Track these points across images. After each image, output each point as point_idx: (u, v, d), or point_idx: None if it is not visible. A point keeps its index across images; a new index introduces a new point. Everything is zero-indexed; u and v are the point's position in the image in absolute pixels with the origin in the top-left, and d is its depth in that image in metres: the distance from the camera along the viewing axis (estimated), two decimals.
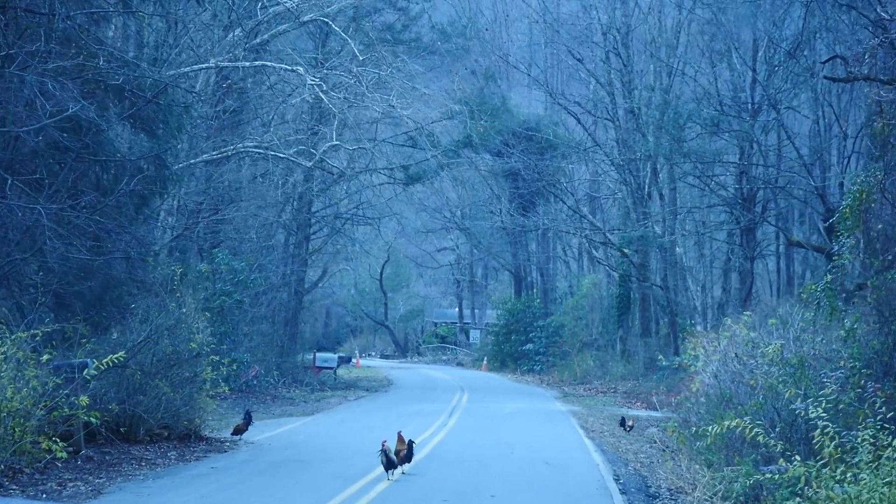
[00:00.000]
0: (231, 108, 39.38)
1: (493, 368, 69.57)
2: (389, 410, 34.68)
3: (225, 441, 23.81)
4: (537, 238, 70.53)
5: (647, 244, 52.73)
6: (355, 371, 62.74)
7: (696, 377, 30.86)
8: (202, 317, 24.13)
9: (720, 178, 51.13)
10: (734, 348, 25.01)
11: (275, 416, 32.44)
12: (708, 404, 26.58)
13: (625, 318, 59.35)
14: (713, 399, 26.37)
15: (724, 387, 24.15)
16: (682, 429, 28.74)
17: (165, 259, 27.64)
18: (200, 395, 23.51)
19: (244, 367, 40.58)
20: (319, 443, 22.86)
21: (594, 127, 57.97)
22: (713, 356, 26.33)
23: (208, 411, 24.48)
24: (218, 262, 38.92)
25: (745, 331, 25.44)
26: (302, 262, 47.75)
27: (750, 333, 24.40)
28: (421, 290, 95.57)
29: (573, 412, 37.06)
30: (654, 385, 48.08)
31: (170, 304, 22.87)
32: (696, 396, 28.58)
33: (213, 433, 24.65)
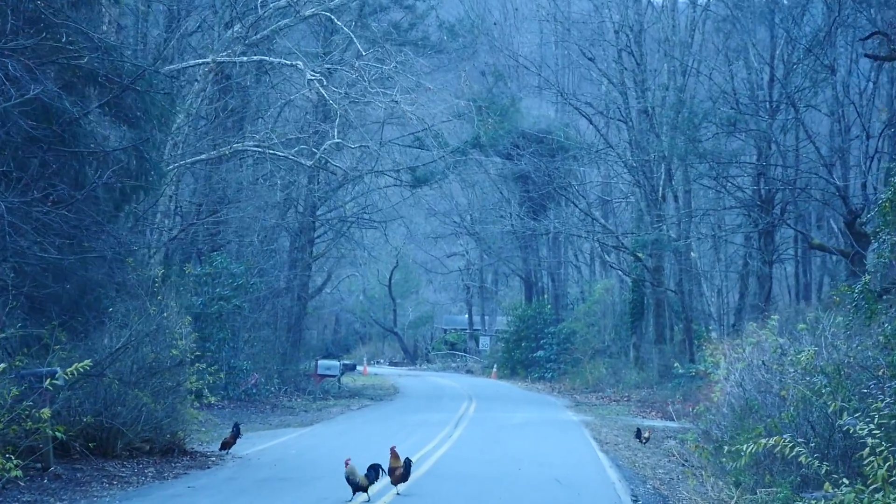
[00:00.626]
0: (231, 106, 37.60)
1: (503, 376, 67.61)
2: (392, 421, 32.75)
3: (211, 456, 21.92)
4: (548, 243, 68.58)
5: (661, 248, 50.76)
6: (362, 379, 60.83)
7: (717, 386, 29.05)
8: (186, 322, 22.16)
9: (737, 180, 49.12)
10: (760, 355, 23.09)
11: (271, 426, 30.55)
12: (731, 416, 24.70)
13: (638, 325, 57.39)
14: (737, 410, 24.50)
15: (749, 397, 22.22)
16: (703, 442, 26.84)
17: (148, 261, 25.68)
18: (184, 405, 21.60)
19: (243, 375, 38.77)
20: (312, 457, 20.98)
21: (606, 129, 56.02)
22: (736, 364, 24.39)
23: (194, 423, 22.57)
24: (216, 265, 37.07)
25: (772, 336, 23.46)
26: (305, 266, 45.87)
27: (778, 339, 22.46)
28: (430, 296, 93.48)
29: (585, 422, 35.11)
30: (670, 393, 46.16)
31: (151, 308, 20.96)
32: (717, 407, 26.71)
33: (200, 446, 22.78)
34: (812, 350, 19.13)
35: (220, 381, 38.03)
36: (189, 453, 21.71)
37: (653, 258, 52.96)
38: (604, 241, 57.59)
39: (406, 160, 48.83)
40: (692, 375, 43.07)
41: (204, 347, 36.43)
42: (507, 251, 72.35)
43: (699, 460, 25.27)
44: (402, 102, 32.36)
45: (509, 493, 17.93)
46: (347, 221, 48.80)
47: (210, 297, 36.79)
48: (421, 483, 18.61)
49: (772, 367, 21.69)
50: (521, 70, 58.47)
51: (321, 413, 35.78)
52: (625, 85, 53.03)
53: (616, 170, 59.47)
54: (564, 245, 68.89)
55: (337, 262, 53.39)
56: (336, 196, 47.84)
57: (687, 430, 33.07)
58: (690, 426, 33.62)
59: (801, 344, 20.85)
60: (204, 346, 36.42)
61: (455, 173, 50.40)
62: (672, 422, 37.98)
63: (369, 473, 16.69)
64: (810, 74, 44.94)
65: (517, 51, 57.39)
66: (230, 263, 37.21)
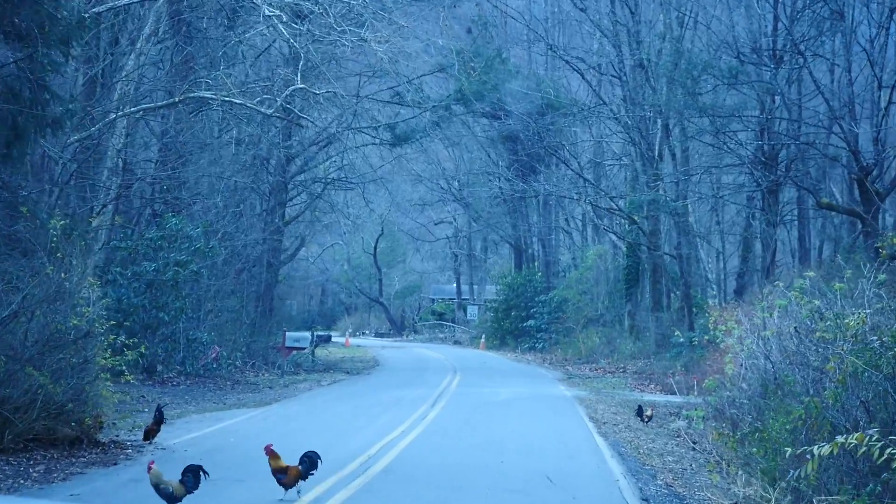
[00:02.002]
0: (186, 52, 33.26)
1: (492, 347, 63.45)
2: (362, 399, 28.52)
3: (129, 447, 17.68)
4: (538, 207, 64.30)
5: (658, 209, 46.58)
6: (342, 351, 56.67)
7: (727, 356, 25.13)
8: (94, 285, 17.83)
9: (738, 136, 44.82)
10: (789, 321, 18.91)
11: (225, 406, 26.33)
12: (751, 392, 20.58)
13: (633, 292, 53.27)
14: (761, 387, 20.34)
15: (780, 371, 18.05)
16: (716, 422, 22.74)
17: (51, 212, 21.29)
18: (95, 386, 17.32)
19: (203, 348, 34.53)
20: (250, 448, 16.82)
21: (599, 85, 51.72)
22: (754, 332, 20.21)
23: (110, 406, 18.33)
24: (171, 227, 32.78)
25: (804, 299, 19.23)
26: (276, 231, 41.52)
27: (813, 301, 18.24)
28: (418, 265, 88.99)
29: (579, 398, 30.95)
30: (669, 364, 42.15)
31: (49, 268, 16.66)
32: (731, 381, 22.59)
33: (126, 434, 18.55)
34: (864, 314, 14.96)
35: (178, 354, 33.98)
36: (101, 444, 17.47)
37: (649, 221, 48.89)
38: (597, 204, 53.35)
39: (385, 117, 44.49)
40: (693, 344, 38.98)
41: (158, 318, 32.38)
42: (496, 217, 68.06)
43: (713, 443, 21.19)
44: (373, 41, 27.94)
45: (486, 500, 13.71)
46: (322, 182, 44.36)
47: (165, 262, 32.53)
48: (373, 486, 14.34)
49: (808, 336, 17.53)
50: (509, 23, 53.92)
51: (286, 390, 31.53)
52: (618, 37, 48.73)
53: (609, 128, 55.31)
54: (555, 210, 64.61)
55: (311, 227, 48.93)
56: (309, 154, 43.42)
57: (692, 405, 29.00)
58: (697, 401, 29.49)
59: (839, 307, 16.77)
60: (158, 317, 32.36)
61: (438, 131, 46.06)
62: (674, 396, 33.93)
63: (186, 479, 12.45)
64: (817, 21, 40.80)
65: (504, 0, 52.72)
66: (186, 225, 32.88)
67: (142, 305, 32.09)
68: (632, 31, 47.83)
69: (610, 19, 49.18)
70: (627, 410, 27.87)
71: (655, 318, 48.60)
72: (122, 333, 31.90)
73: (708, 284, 52.96)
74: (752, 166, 43.06)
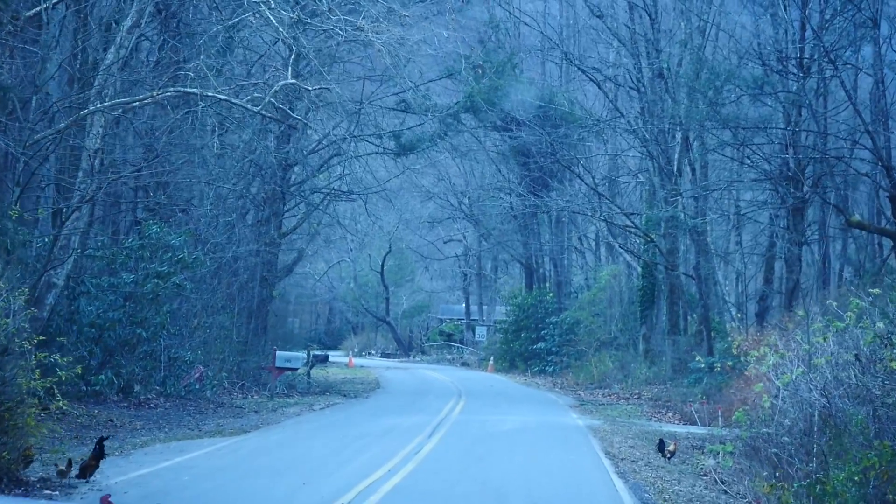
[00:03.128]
0: (170, 46, 30.31)
1: (501, 369, 60.23)
2: (353, 427, 25.37)
3: (58, 487, 14.60)
4: (550, 225, 61.14)
5: (677, 226, 43.45)
6: (345, 371, 53.56)
7: (757, 385, 22.06)
8: (19, 296, 14.72)
9: (763, 150, 41.67)
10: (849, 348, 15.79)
11: (198, 433, 23.23)
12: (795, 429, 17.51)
13: (648, 314, 50.04)
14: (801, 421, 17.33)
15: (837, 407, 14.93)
16: (750, 461, 19.60)
17: None
18: (15, 415, 14.24)
19: (186, 368, 31.48)
20: (203, 490, 13.77)
21: (615, 96, 48.65)
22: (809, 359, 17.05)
23: (38, 437, 15.25)
24: (151, 236, 29.78)
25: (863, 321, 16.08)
26: (271, 243, 38.44)
27: (878, 325, 15.13)
28: (426, 284, 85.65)
29: (593, 428, 27.78)
30: (687, 391, 39.01)
31: None
32: (768, 414, 19.50)
33: (54, 471, 15.47)
34: None
35: (159, 374, 30.92)
36: (25, 483, 14.40)
37: (667, 239, 45.71)
38: (612, 221, 50.17)
39: (390, 126, 41.51)
40: (716, 371, 35.75)
41: (135, 334, 29.34)
42: (507, 235, 64.89)
43: (750, 487, 18.04)
44: (369, 31, 24.88)
45: None
46: (321, 192, 41.26)
47: (145, 273, 29.52)
48: None
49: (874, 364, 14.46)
50: (523, 32, 50.83)
51: (272, 415, 28.38)
52: (637, 46, 45.71)
53: (626, 143, 52.29)
54: (568, 228, 61.44)
55: (313, 241, 45.72)
56: (309, 163, 40.38)
57: (717, 438, 25.84)
58: (722, 433, 26.33)
59: None
60: (135, 333, 29.32)
61: (446, 141, 42.99)
62: (695, 426, 30.76)
63: None
64: (848, 30, 37.82)
65: (517, 5, 49.48)
66: (168, 234, 29.85)
67: (119, 320, 29.08)
68: (650, 39, 44.81)
69: (628, 28, 46.23)
70: (646, 443, 24.74)
71: (672, 341, 45.42)
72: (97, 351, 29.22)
73: (726, 307, 49.80)
74: (777, 182, 39.99)
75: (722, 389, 34.14)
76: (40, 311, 27.42)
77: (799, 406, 17.73)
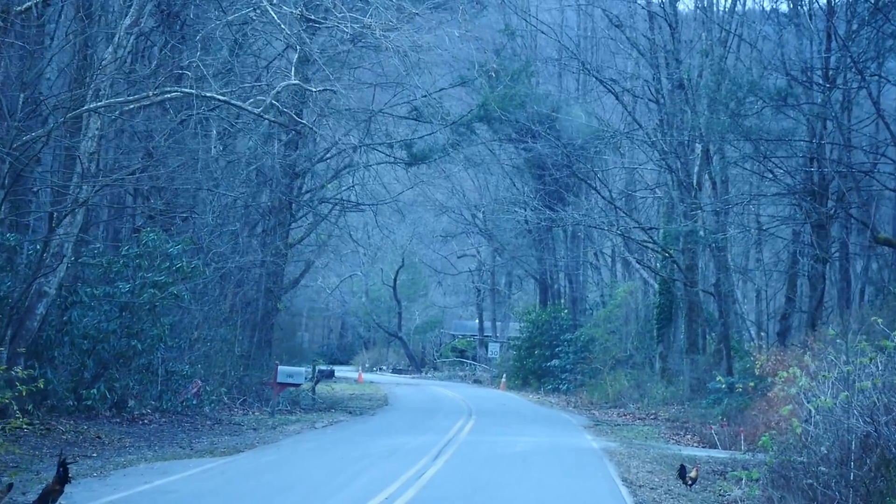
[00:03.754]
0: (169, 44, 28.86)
1: (514, 387, 58.52)
2: (354, 447, 23.77)
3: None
4: (566, 241, 59.55)
5: (696, 241, 41.79)
6: (353, 387, 51.97)
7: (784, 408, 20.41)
8: None
9: (785, 164, 40.01)
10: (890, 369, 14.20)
11: (189, 452, 21.67)
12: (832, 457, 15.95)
13: (665, 332, 48.34)
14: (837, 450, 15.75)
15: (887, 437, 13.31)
16: (781, 491, 17.98)
17: None
18: None
19: (184, 382, 29.95)
20: None
21: (633, 108, 47.06)
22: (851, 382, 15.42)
23: None
24: (149, 244, 28.29)
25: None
26: (277, 253, 36.91)
27: None
28: (440, 299, 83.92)
29: (609, 451, 26.13)
30: (706, 412, 37.32)
31: None
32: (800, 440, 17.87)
33: (27, 497, 13.98)
34: None
35: (155, 388, 29.39)
36: None
37: (685, 254, 44.08)
38: (629, 236, 48.52)
39: (402, 136, 40.02)
40: (737, 391, 34.09)
41: (130, 346, 27.82)
42: (522, 250, 63.28)
43: None
44: (377, 28, 23.36)
45: None
46: (329, 203, 39.69)
47: (142, 282, 28.03)
48: None
49: None
50: (539, 40, 49.28)
51: (270, 433, 26.78)
52: (656, 57, 44.19)
53: (643, 156, 50.69)
54: (584, 244, 59.80)
55: (320, 253, 44.07)
56: (316, 172, 38.89)
57: (740, 463, 24.24)
58: (745, 458, 24.71)
59: None
60: (131, 345, 27.80)
61: (459, 152, 41.44)
62: (716, 450, 29.09)
63: None
64: (876, 40, 36.17)
65: (534, 14, 47.88)
66: (165, 242, 28.35)
67: (113, 331, 27.59)
68: (670, 50, 43.29)
69: (647, 39, 44.71)
70: (665, 468, 23.09)
71: (690, 360, 43.72)
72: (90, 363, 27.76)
73: (744, 326, 48.07)
74: (801, 197, 38.31)
75: (744, 411, 32.46)
76: (30, 321, 26.02)
77: (834, 432, 16.14)
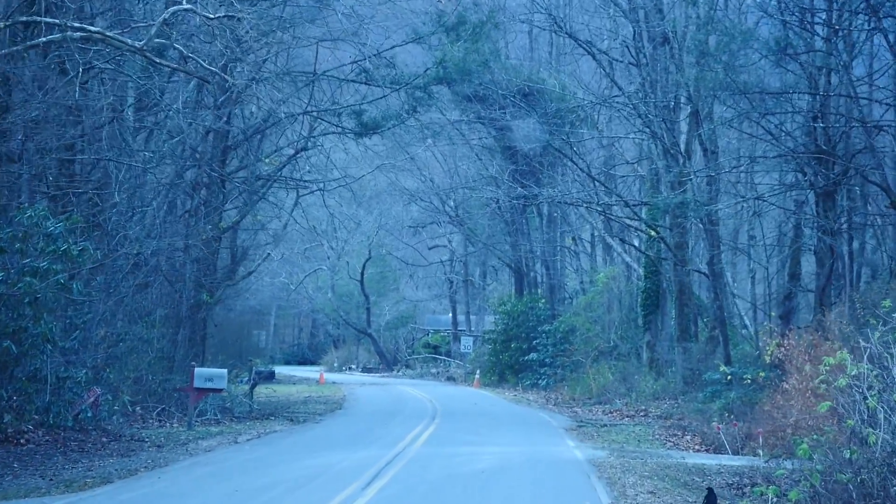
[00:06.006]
0: None
1: (490, 383, 52.63)
2: (268, 469, 17.79)
3: None
4: (541, 225, 53.70)
5: (687, 213, 35.99)
6: (311, 389, 46.00)
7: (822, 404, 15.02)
8: None
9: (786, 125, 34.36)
10: None
11: (44, 488, 15.70)
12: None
13: (653, 319, 42.57)
14: None
15: None
16: None
17: None
18: None
19: (79, 390, 23.87)
20: None
21: (612, 70, 41.23)
22: None
23: None
24: (25, 222, 22.26)
25: None
26: (206, 238, 30.87)
27: None
28: (412, 293, 77.75)
29: (596, 463, 20.25)
30: (702, 407, 31.64)
31: None
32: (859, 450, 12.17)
33: None
34: None
35: (43, 399, 23.30)
36: None
37: (674, 232, 38.34)
38: (610, 216, 42.69)
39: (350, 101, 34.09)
40: (748, 383, 28.26)
41: (2, 348, 21.73)
42: (496, 237, 57.38)
43: None
44: None
45: None
46: (266, 179, 33.54)
47: (17, 268, 21.99)
48: None
49: None
50: None
51: (174, 452, 20.75)
52: (636, 12, 38.39)
53: (623, 129, 44.96)
54: (560, 227, 53.98)
55: (253, 237, 37.80)
56: (252, 145, 32.94)
57: (759, 472, 18.58)
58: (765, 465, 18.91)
59: None
60: (2, 347, 21.72)
61: (417, 119, 35.47)
62: (726, 455, 23.40)
63: None
64: None
65: None
66: (45, 218, 22.30)
67: None
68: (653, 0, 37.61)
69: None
70: (672, 486, 17.32)
71: (683, 349, 37.96)
72: None
73: (736, 310, 42.34)
74: (804, 161, 32.55)
75: (755, 406, 26.64)
76: None
77: None
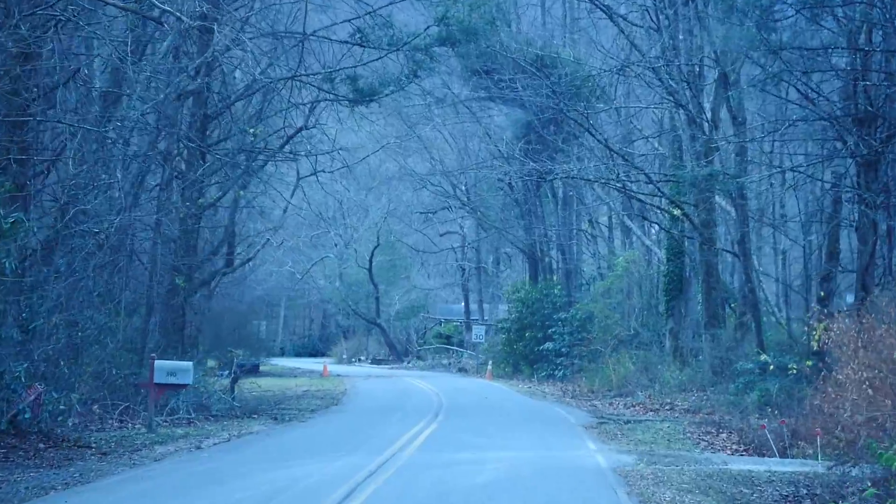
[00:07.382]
0: None
1: (503, 375, 48.86)
2: (216, 489, 14.03)
3: None
4: (556, 207, 49.93)
5: (715, 188, 32.16)
6: (310, 381, 42.34)
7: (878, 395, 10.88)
8: None
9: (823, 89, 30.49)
10: None
11: None
12: None
13: (676, 305, 38.65)
14: None
15: None
16: None
17: None
18: None
19: (18, 389, 20.14)
20: None
21: (632, 34, 37.42)
22: None
23: None
24: None
25: None
26: (182, 217, 27.16)
27: None
28: (423, 281, 73.82)
29: (623, 472, 16.43)
30: (734, 399, 27.82)
31: None
32: None
33: None
34: None
35: None
36: None
37: (699, 209, 34.50)
38: (631, 193, 38.77)
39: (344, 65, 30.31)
40: (792, 372, 24.45)
41: None
42: (509, 221, 53.55)
43: None
44: None
45: None
46: (250, 152, 29.71)
47: None
48: None
49: None
50: None
51: (117, 463, 17.00)
52: None
53: (641, 102, 41.19)
54: (577, 210, 50.16)
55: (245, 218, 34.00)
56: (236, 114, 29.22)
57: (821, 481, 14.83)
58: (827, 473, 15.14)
59: None
60: None
61: (417, 84, 31.70)
62: (773, 458, 19.56)
63: None
64: None
65: None
66: None
67: None
68: None
69: None
70: (717, 500, 13.48)
71: (711, 336, 34.10)
72: None
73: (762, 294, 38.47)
74: (845, 125, 28.66)
75: (802, 401, 22.78)
76: None
77: None
